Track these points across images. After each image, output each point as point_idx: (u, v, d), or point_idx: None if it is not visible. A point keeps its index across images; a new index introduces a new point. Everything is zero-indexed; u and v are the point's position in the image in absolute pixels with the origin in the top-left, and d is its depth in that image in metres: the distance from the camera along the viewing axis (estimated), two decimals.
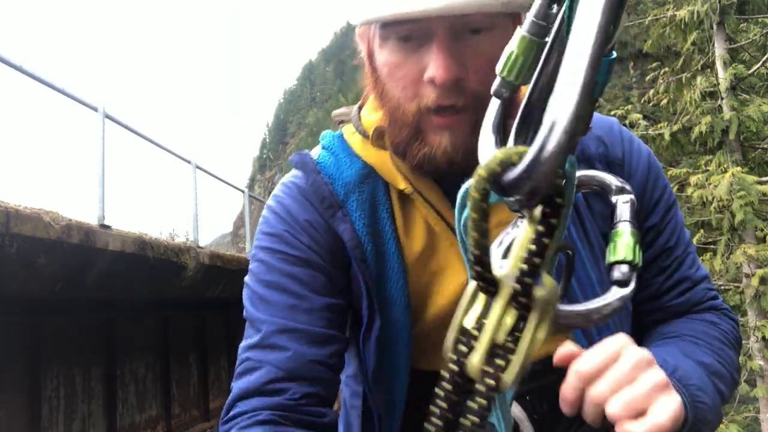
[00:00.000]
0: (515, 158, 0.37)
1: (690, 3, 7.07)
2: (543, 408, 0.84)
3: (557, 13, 0.45)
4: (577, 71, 0.35)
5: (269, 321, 0.79)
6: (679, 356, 0.73)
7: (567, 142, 0.35)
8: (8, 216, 3.41)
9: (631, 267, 0.46)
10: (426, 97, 0.72)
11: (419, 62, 0.71)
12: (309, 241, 0.81)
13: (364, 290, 0.79)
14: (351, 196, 0.81)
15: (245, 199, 10.62)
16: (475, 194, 0.38)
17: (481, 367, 0.42)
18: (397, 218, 0.82)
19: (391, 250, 0.81)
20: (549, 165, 0.35)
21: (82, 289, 4.46)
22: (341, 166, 0.83)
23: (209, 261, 6.15)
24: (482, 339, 0.43)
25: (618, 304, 0.45)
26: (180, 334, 6.81)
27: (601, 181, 0.56)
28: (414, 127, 0.74)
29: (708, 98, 7.09)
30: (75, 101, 5.18)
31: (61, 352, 4.81)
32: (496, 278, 0.42)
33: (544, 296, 0.41)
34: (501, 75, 0.47)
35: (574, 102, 0.35)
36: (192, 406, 7.00)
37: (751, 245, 6.47)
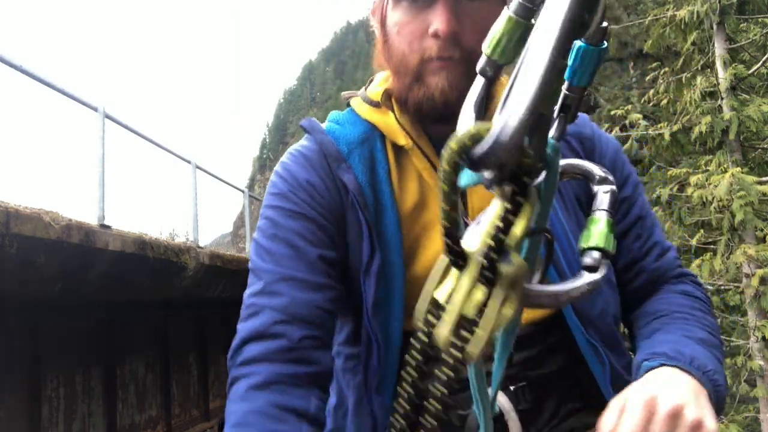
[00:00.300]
0: (484, 133, 0.39)
1: (690, 3, 7.07)
2: (527, 399, 0.88)
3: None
4: (542, 52, 0.37)
5: (271, 270, 0.87)
6: (685, 341, 0.80)
7: (527, 119, 0.36)
8: (8, 216, 3.41)
9: (603, 254, 0.47)
10: (429, 48, 0.84)
11: (424, 20, 0.84)
12: (307, 198, 0.91)
13: (365, 230, 0.88)
14: (354, 153, 0.92)
15: (245, 199, 10.62)
16: (445, 166, 0.40)
17: (447, 338, 0.44)
18: (393, 174, 0.92)
19: (388, 202, 0.90)
20: (510, 140, 0.37)
21: (82, 289, 4.46)
22: (345, 129, 0.95)
23: (209, 261, 6.15)
24: (450, 311, 0.44)
25: (586, 288, 0.46)
26: (180, 334, 6.81)
27: (584, 169, 0.57)
28: (416, 73, 0.86)
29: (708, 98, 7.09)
30: (75, 101, 5.18)
31: (61, 352, 4.82)
32: (465, 252, 0.43)
33: (510, 273, 0.42)
34: (486, 54, 0.48)
35: (537, 81, 0.36)
36: (192, 406, 7.00)
37: (751, 245, 6.47)
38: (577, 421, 0.91)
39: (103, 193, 5.04)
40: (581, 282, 0.46)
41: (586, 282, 0.46)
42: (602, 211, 0.50)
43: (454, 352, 0.44)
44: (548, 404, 0.91)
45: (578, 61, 0.50)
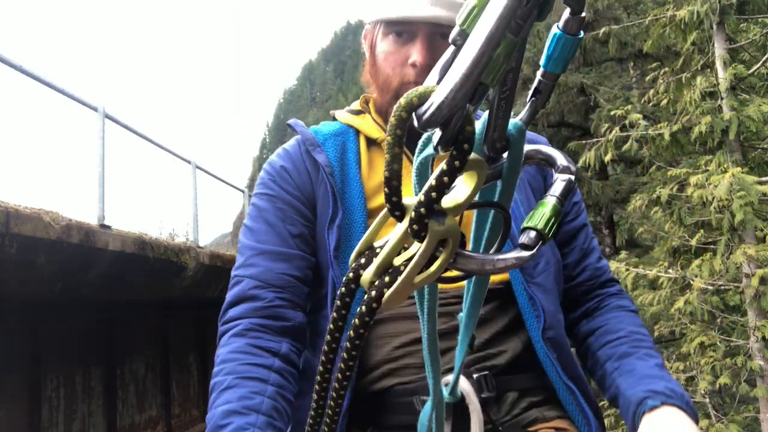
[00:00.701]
0: (431, 93, 0.41)
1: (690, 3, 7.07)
2: (490, 388, 0.97)
3: None
4: (486, 25, 0.40)
5: (250, 246, 1.06)
6: (663, 374, 0.97)
7: (463, 85, 0.39)
8: (8, 216, 3.41)
9: (539, 235, 0.49)
10: (408, 75, 1.04)
11: (406, 52, 1.05)
12: (282, 182, 1.09)
13: (330, 192, 1.05)
14: (328, 141, 1.13)
15: (245, 199, 10.62)
16: (392, 120, 0.42)
17: (369, 279, 0.48)
18: (363, 159, 1.11)
19: (354, 176, 1.08)
20: (445, 102, 0.39)
21: (82, 289, 4.46)
22: (323, 128, 1.17)
23: (209, 261, 6.15)
24: (379, 256, 0.48)
25: (513, 263, 0.48)
26: (180, 334, 6.81)
27: (547, 155, 0.58)
28: (395, 94, 1.06)
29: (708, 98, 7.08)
30: (75, 101, 5.19)
31: (61, 352, 4.82)
32: (402, 204, 0.46)
33: (438, 231, 0.44)
34: (461, 26, 0.48)
35: (476, 50, 0.39)
36: (192, 406, 7.00)
37: (751, 245, 6.47)
38: (538, 413, 1.01)
39: (103, 193, 5.05)
40: (510, 255, 0.48)
41: (513, 256, 0.48)
42: (552, 197, 0.51)
43: (372, 293, 0.47)
44: (510, 394, 1.00)
45: (554, 48, 0.51)
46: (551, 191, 0.52)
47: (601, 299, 1.14)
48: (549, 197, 0.51)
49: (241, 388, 0.92)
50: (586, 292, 1.15)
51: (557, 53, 0.51)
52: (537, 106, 0.55)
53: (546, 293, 1.05)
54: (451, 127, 0.42)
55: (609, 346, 1.05)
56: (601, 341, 1.07)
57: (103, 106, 5.37)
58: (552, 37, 0.51)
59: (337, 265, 1.02)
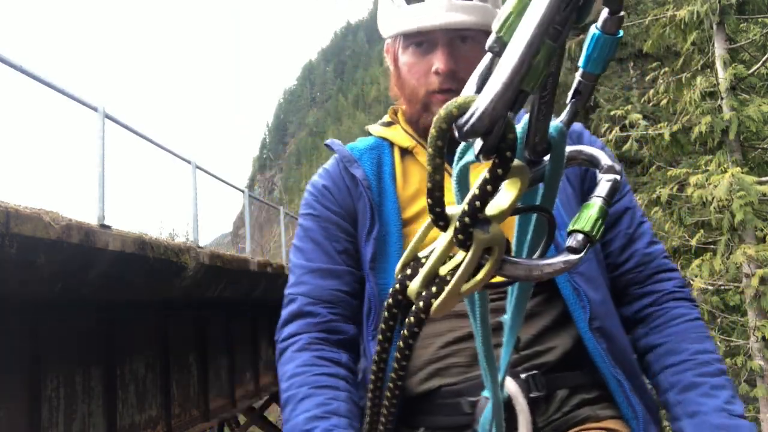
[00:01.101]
0: (471, 103, 0.41)
1: (690, 3, 7.07)
2: (539, 387, 0.95)
3: None
4: (525, 32, 0.39)
5: (300, 265, 1.12)
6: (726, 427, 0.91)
7: (504, 93, 0.39)
8: (8, 216, 3.41)
9: (587, 238, 0.48)
10: (432, 83, 1.06)
11: (428, 62, 1.06)
12: (325, 201, 1.14)
13: (368, 207, 1.09)
14: (364, 156, 1.16)
15: (245, 199, 10.62)
16: (433, 131, 0.43)
17: (416, 289, 0.48)
18: (397, 170, 1.14)
19: (389, 189, 1.11)
20: (487, 112, 0.39)
21: (82, 289, 4.46)
22: (359, 143, 1.20)
23: (209, 261, 6.15)
24: (425, 267, 0.48)
25: (561, 267, 0.47)
26: (180, 334, 6.81)
27: (590, 155, 0.57)
28: (423, 103, 1.09)
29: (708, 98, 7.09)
30: (75, 101, 5.18)
31: (61, 352, 4.81)
32: (445, 214, 0.46)
33: (484, 239, 0.44)
34: (497, 33, 0.48)
35: (517, 58, 0.39)
36: (192, 406, 7.00)
37: (751, 245, 6.47)
38: (590, 411, 0.97)
39: (103, 193, 5.04)
40: (557, 260, 0.47)
41: (561, 260, 0.47)
42: (598, 198, 0.51)
43: (420, 303, 0.47)
44: (560, 392, 0.97)
45: (593, 48, 0.51)
46: (596, 192, 0.52)
47: (656, 299, 1.06)
48: (594, 198, 0.51)
49: (317, 396, 0.98)
50: (636, 283, 1.08)
51: (597, 53, 0.51)
52: (577, 107, 0.55)
53: (590, 282, 1.01)
54: (492, 135, 0.42)
55: (671, 371, 0.98)
56: (662, 363, 1.00)
57: (103, 106, 5.36)
58: (591, 37, 0.51)
59: (372, 277, 1.06)
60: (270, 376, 9.73)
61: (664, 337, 1.02)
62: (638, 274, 1.07)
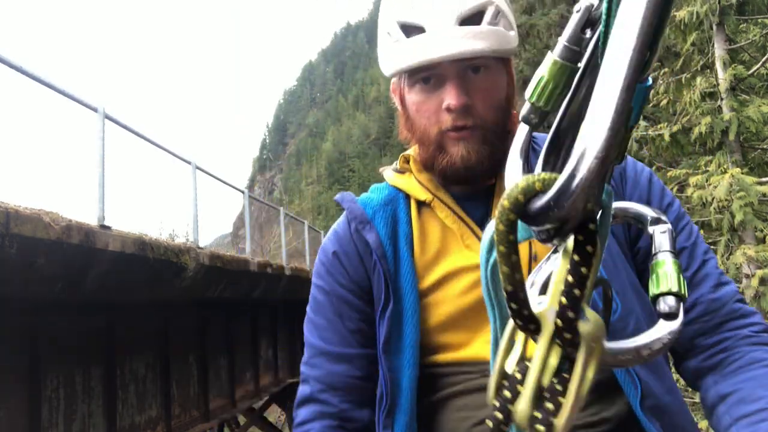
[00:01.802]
0: (538, 186, 0.36)
1: (689, 4, 7.08)
2: None
3: (590, 38, 0.43)
4: (611, 96, 0.34)
5: (312, 344, 1.06)
6: None
7: (599, 170, 0.33)
8: (8, 216, 3.42)
9: (677, 298, 0.44)
10: (445, 121, 0.95)
11: (438, 98, 0.96)
12: (335, 273, 1.05)
13: (382, 280, 0.99)
14: (378, 214, 1.04)
15: (245, 200, 10.62)
16: (500, 226, 0.37)
17: (529, 413, 0.39)
18: (414, 229, 1.03)
19: (405, 255, 1.01)
20: (579, 193, 0.34)
21: (82, 289, 4.46)
22: (372, 196, 1.09)
23: (209, 261, 6.15)
24: (528, 382, 0.40)
25: (668, 338, 0.42)
26: (180, 334, 6.81)
27: (636, 212, 0.54)
28: (437, 143, 0.97)
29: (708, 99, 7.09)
30: (75, 102, 5.19)
31: (61, 352, 4.82)
32: (535, 315, 0.39)
33: (590, 331, 0.38)
34: (530, 100, 0.45)
35: (608, 127, 0.33)
36: (192, 406, 7.00)
37: (751, 246, 6.47)
38: None
39: (103, 194, 5.05)
40: (661, 332, 0.42)
41: (667, 332, 0.43)
42: (666, 252, 0.47)
43: (540, 427, 0.39)
44: None
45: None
46: (658, 247, 0.48)
47: (728, 346, 0.91)
48: (662, 254, 0.47)
49: None
50: (703, 333, 0.93)
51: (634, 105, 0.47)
52: (616, 163, 0.51)
53: None
54: (574, 217, 0.37)
55: (745, 423, 0.83)
56: (734, 414, 0.85)
57: (103, 106, 5.37)
58: None
59: (386, 360, 0.98)
60: (270, 376, 9.73)
61: (736, 384, 0.87)
62: (705, 324, 0.93)
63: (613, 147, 0.34)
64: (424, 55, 0.91)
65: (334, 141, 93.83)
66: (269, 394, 10.01)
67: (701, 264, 0.95)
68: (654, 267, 0.46)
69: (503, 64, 0.99)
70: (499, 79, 0.97)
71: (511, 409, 0.41)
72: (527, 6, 17.98)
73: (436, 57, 0.91)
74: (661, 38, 0.38)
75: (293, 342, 10.81)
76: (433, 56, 0.91)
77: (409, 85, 0.99)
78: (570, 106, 0.45)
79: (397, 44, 0.96)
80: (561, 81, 0.45)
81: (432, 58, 0.91)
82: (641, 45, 0.34)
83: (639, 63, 0.34)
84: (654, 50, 0.38)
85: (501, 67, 0.98)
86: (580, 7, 0.45)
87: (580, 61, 0.44)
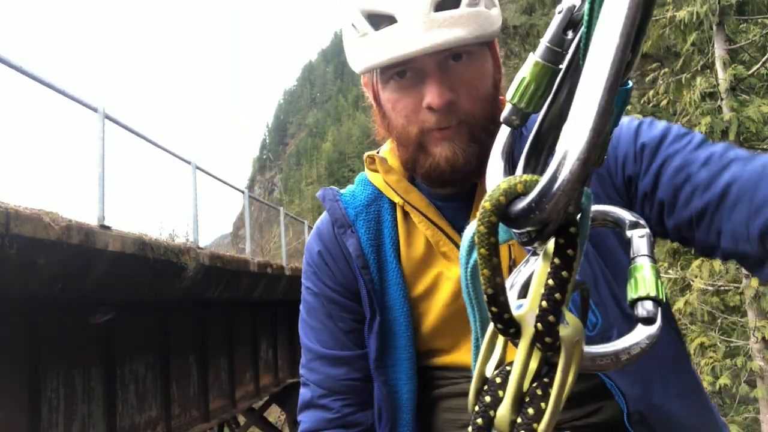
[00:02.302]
0: (520, 188, 0.36)
1: (689, 4, 7.07)
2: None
3: (572, 39, 0.43)
4: (593, 98, 0.33)
5: (309, 348, 1.02)
6: None
7: (581, 172, 0.33)
8: (8, 217, 3.42)
9: (655, 303, 0.44)
10: (426, 121, 0.85)
11: (417, 94, 0.85)
12: (322, 275, 1.00)
13: (365, 294, 0.94)
14: (359, 217, 0.98)
15: (245, 200, 10.62)
16: (482, 228, 0.37)
17: (510, 418, 0.39)
18: (401, 233, 0.97)
19: (392, 262, 0.95)
20: (561, 195, 0.34)
21: (82, 289, 4.46)
22: (356, 194, 1.01)
23: (209, 262, 6.15)
24: (509, 387, 0.40)
25: (647, 343, 0.42)
26: (180, 334, 6.81)
27: (615, 216, 0.54)
28: (418, 144, 0.88)
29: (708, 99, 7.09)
30: (75, 102, 5.19)
31: (61, 352, 4.82)
32: (515, 319, 0.39)
33: (571, 335, 0.38)
34: (512, 102, 0.45)
35: (590, 128, 0.33)
36: (192, 406, 7.00)
37: None
38: None
39: (103, 194, 5.05)
40: (640, 337, 0.42)
41: (645, 336, 0.42)
42: (644, 257, 0.47)
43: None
44: None
45: None
46: (636, 251, 0.48)
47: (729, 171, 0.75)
48: (639, 258, 0.47)
49: None
50: (708, 212, 0.75)
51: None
52: (597, 166, 0.50)
53: (621, 373, 0.84)
54: (555, 220, 0.37)
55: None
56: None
57: (103, 106, 5.37)
58: None
59: (379, 376, 0.95)
60: (270, 376, 9.73)
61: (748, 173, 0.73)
62: (707, 204, 0.76)
63: (596, 149, 0.33)
64: (397, 50, 0.80)
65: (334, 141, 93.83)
66: (269, 394, 10.01)
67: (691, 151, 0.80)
68: (632, 271, 0.46)
69: (487, 47, 0.89)
70: (484, 65, 0.87)
71: (491, 415, 0.40)
72: (527, 6, 17.95)
73: (411, 51, 0.79)
74: (642, 40, 0.38)
75: (293, 342, 10.81)
76: (407, 51, 0.79)
77: (383, 81, 0.88)
78: (551, 107, 0.45)
79: (364, 38, 0.84)
80: (543, 82, 0.45)
81: (406, 53, 0.80)
82: (624, 46, 0.33)
83: (622, 64, 0.34)
84: (636, 51, 0.38)
85: (485, 50, 0.88)
86: (562, 8, 0.44)
87: (561, 62, 0.44)
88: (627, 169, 0.85)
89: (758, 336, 6.50)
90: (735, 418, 7.58)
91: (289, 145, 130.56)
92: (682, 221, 0.78)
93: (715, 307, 7.51)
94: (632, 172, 0.85)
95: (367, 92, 0.97)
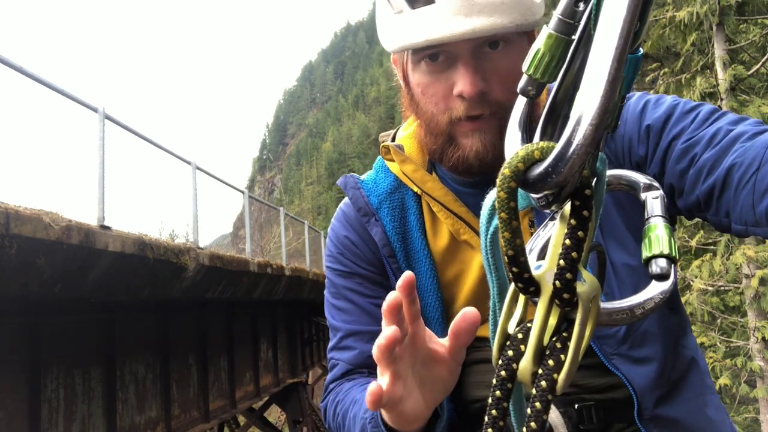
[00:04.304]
0: (537, 154, 0.38)
1: (689, 4, 7.08)
2: (593, 419, 0.84)
3: (584, 10, 0.45)
4: (603, 66, 0.36)
5: (340, 327, 0.98)
6: None
7: (593, 136, 0.36)
8: (8, 217, 3.42)
9: (669, 260, 0.45)
10: (456, 109, 0.83)
11: (448, 80, 0.83)
12: (350, 255, 0.99)
13: (393, 280, 0.93)
14: (383, 205, 0.96)
15: (245, 200, 10.62)
16: (502, 194, 0.39)
17: (531, 369, 0.42)
18: (426, 220, 0.96)
19: (419, 248, 0.94)
20: (576, 159, 0.36)
21: (82, 289, 4.46)
22: (378, 181, 0.99)
23: (209, 262, 6.15)
24: (530, 341, 0.42)
25: (660, 298, 0.44)
26: (180, 334, 6.81)
27: (629, 179, 0.56)
28: (447, 134, 0.86)
29: (708, 99, 7.09)
30: (75, 102, 5.19)
31: (61, 352, 4.82)
32: (534, 278, 0.42)
33: (587, 291, 0.41)
34: (527, 73, 0.47)
35: (601, 95, 0.35)
36: (192, 407, 7.00)
37: (751, 246, 6.47)
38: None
39: (103, 194, 5.05)
40: (654, 292, 0.44)
41: (658, 292, 0.44)
42: (657, 217, 0.48)
43: (543, 383, 0.41)
44: (615, 427, 0.85)
45: None
46: (650, 212, 0.49)
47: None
48: (654, 219, 0.48)
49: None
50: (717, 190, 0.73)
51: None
52: (608, 132, 0.53)
53: (636, 363, 0.83)
54: (570, 183, 0.39)
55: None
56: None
57: (102, 107, 5.37)
58: None
59: None
60: (270, 376, 9.73)
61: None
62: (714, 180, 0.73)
63: (607, 114, 0.36)
64: (434, 33, 0.78)
65: (334, 141, 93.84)
66: (269, 394, 10.01)
67: (687, 142, 0.78)
68: (646, 231, 0.48)
69: (526, 37, 0.86)
70: (521, 55, 0.79)
71: (514, 367, 0.43)
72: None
73: (448, 35, 0.77)
74: (649, 9, 0.40)
75: (293, 342, 10.81)
76: (443, 34, 0.77)
77: (414, 62, 0.86)
78: (565, 77, 0.46)
79: (399, 16, 0.82)
80: (556, 53, 0.46)
81: (442, 37, 0.78)
82: (631, 15, 0.35)
83: (629, 32, 0.36)
84: (644, 21, 0.40)
85: (524, 40, 0.85)
86: None
87: (574, 33, 0.45)
88: (633, 153, 0.85)
89: (758, 336, 6.50)
90: (735, 418, 7.58)
91: (289, 145, 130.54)
92: (691, 204, 0.78)
93: (715, 307, 7.51)
94: (639, 157, 0.84)
95: (396, 70, 0.94)
